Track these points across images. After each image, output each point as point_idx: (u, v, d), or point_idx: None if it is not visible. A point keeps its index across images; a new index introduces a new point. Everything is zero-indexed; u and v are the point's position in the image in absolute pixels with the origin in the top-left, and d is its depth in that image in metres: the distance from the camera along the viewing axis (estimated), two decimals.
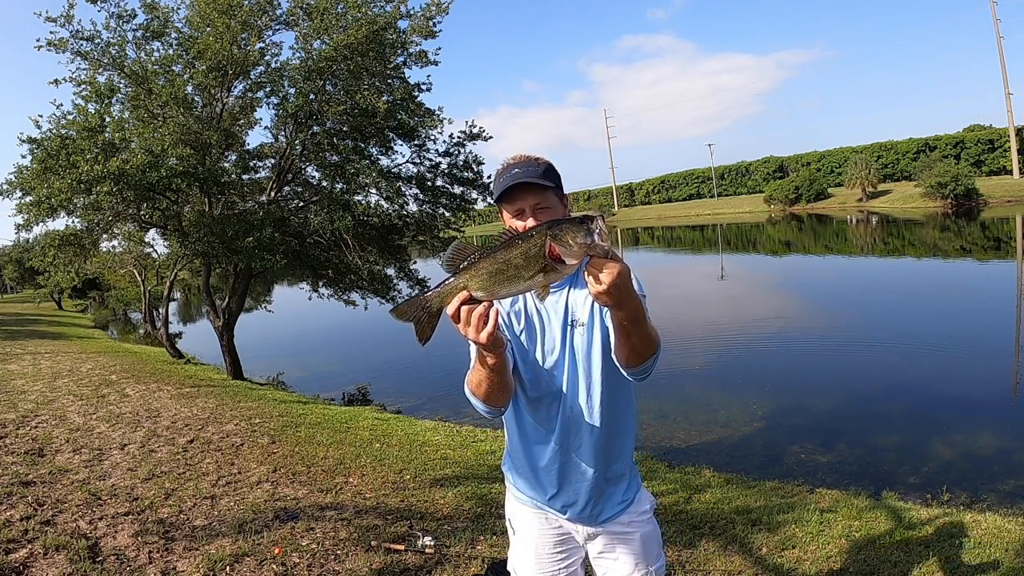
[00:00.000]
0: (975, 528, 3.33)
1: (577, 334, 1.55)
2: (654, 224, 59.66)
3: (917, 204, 38.73)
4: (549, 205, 1.52)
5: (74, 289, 29.59)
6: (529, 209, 1.51)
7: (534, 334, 1.57)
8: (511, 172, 1.52)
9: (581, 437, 1.58)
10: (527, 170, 1.51)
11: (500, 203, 1.55)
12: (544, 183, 1.49)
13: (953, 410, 6.71)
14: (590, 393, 1.56)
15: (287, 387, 10.99)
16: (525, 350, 1.57)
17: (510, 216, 1.54)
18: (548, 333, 1.57)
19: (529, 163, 1.53)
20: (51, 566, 2.86)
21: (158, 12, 9.29)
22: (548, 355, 1.56)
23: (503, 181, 1.52)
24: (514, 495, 1.74)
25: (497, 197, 1.54)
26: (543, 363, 1.57)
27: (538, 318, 1.57)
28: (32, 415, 5.96)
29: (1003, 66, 43.36)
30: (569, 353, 1.55)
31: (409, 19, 9.78)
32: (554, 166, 1.57)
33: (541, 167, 1.53)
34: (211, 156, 9.60)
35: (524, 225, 1.50)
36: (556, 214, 1.51)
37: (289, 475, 4.49)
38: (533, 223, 1.47)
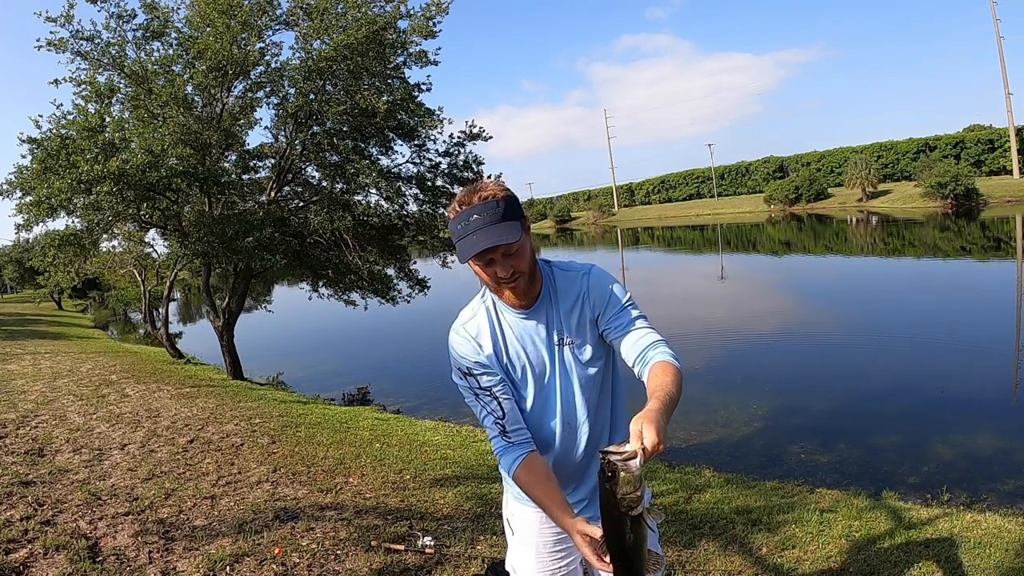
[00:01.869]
0: (975, 528, 3.33)
1: (567, 351, 1.55)
2: (654, 224, 59.66)
3: (917, 204, 38.73)
4: (518, 247, 1.44)
5: (74, 289, 29.63)
6: (498, 256, 1.43)
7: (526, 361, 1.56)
8: (471, 220, 1.40)
9: (579, 444, 1.60)
10: (486, 216, 1.39)
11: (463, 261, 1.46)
12: (510, 239, 1.39)
13: (953, 410, 6.71)
14: (586, 403, 1.58)
15: (287, 387, 11.00)
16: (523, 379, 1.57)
17: (476, 265, 1.46)
18: (537, 356, 1.56)
19: (487, 204, 1.40)
20: (51, 566, 2.86)
21: (158, 12, 9.29)
22: (541, 376, 1.57)
23: (466, 236, 1.41)
24: (513, 495, 1.73)
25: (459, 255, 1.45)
26: (538, 385, 1.57)
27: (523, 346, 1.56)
28: (32, 415, 5.96)
29: (1003, 66, 43.37)
30: (561, 369, 1.56)
31: (409, 19, 9.79)
32: (514, 196, 1.46)
33: (501, 206, 1.40)
34: (211, 156, 9.60)
35: (492, 273, 1.44)
36: (525, 253, 1.46)
37: (289, 475, 4.49)
38: (505, 272, 1.43)
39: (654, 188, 79.57)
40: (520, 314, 1.55)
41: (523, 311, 1.55)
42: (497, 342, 1.57)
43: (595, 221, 69.82)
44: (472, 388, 1.56)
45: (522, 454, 1.52)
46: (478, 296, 1.62)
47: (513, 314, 1.56)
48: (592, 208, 75.92)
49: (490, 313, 1.58)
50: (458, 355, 1.57)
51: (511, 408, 1.55)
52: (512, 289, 1.48)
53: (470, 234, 1.41)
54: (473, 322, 1.58)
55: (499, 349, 1.56)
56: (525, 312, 1.55)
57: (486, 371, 1.55)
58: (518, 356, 1.56)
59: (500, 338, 1.57)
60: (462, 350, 1.56)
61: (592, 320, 1.56)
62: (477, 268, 1.47)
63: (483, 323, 1.57)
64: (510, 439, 1.54)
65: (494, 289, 1.51)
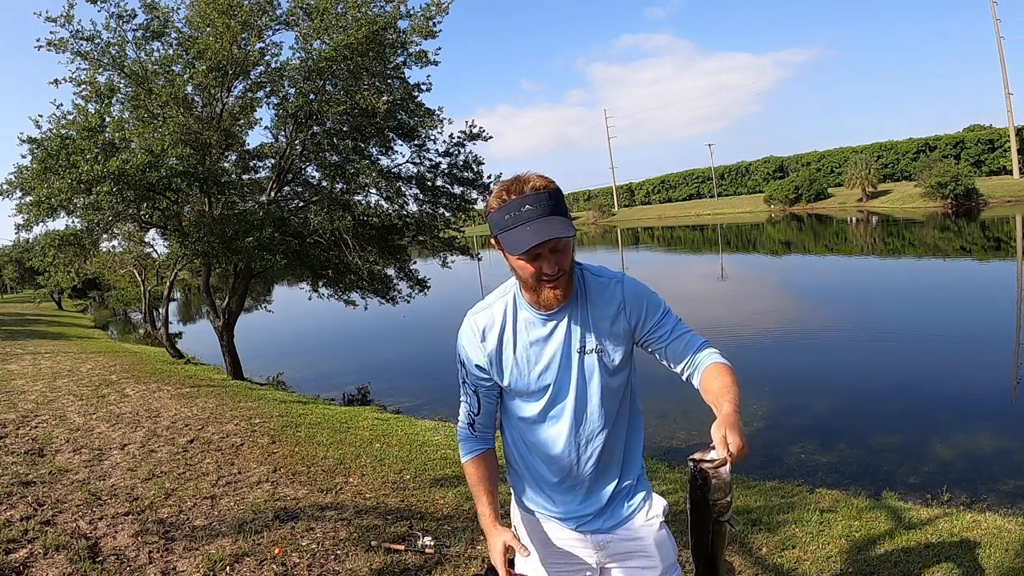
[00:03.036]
0: (975, 528, 3.33)
1: (587, 360, 1.48)
2: (654, 224, 59.65)
3: (917, 204, 38.73)
4: (566, 245, 1.37)
5: (74, 289, 29.63)
6: (546, 251, 1.35)
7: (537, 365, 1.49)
8: (523, 210, 1.32)
9: (593, 453, 1.54)
10: (539, 207, 1.32)
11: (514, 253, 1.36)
12: (566, 233, 1.32)
13: (953, 410, 6.71)
14: (604, 413, 1.52)
15: (287, 387, 11.00)
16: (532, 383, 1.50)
17: (518, 258, 1.37)
18: (552, 361, 1.49)
19: (539, 195, 1.34)
20: (51, 566, 2.86)
21: (158, 12, 9.29)
22: (554, 382, 1.50)
23: (517, 226, 1.33)
24: (521, 505, 1.68)
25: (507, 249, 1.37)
26: (550, 390, 1.50)
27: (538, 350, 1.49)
28: (32, 415, 5.96)
29: (1003, 66, 43.34)
30: (579, 376, 1.49)
31: (409, 19, 9.79)
32: (560, 190, 1.39)
33: (552, 198, 1.35)
34: (211, 156, 9.60)
35: (536, 269, 1.36)
36: (570, 250, 1.39)
37: (289, 475, 4.49)
38: (552, 269, 1.35)
39: (654, 188, 79.56)
40: (541, 316, 1.48)
41: (545, 313, 1.48)
42: (506, 339, 1.50)
43: (595, 221, 69.80)
44: (462, 376, 1.58)
45: (480, 448, 1.58)
46: (499, 289, 1.56)
47: (533, 314, 1.49)
48: (592, 208, 75.89)
49: (507, 308, 1.51)
50: (461, 343, 1.55)
51: (488, 410, 1.58)
52: (553, 287, 1.40)
53: (521, 225, 1.32)
54: (487, 313, 1.52)
55: (506, 347, 1.50)
56: (548, 315, 1.48)
57: (479, 370, 1.53)
58: (529, 359, 1.50)
59: (512, 335, 1.50)
60: (465, 340, 1.53)
61: (628, 330, 1.50)
62: (521, 263, 1.37)
63: (497, 316, 1.51)
64: (474, 431, 1.59)
65: (532, 287, 1.42)
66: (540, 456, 1.56)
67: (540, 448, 1.55)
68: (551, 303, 1.44)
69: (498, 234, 1.38)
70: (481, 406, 1.57)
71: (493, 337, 1.51)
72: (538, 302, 1.46)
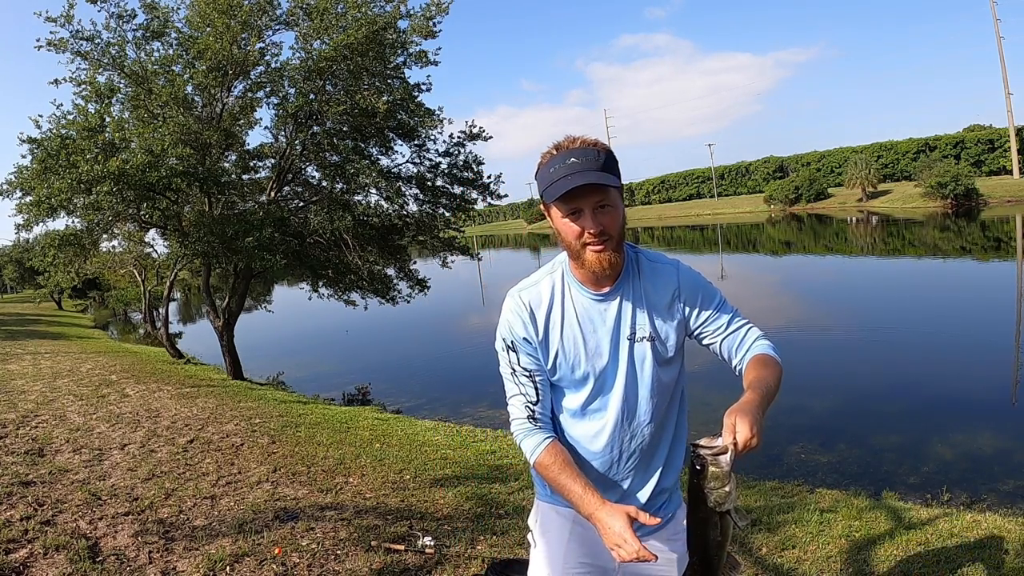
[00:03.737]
0: (975, 528, 3.33)
1: (638, 348, 1.40)
2: (654, 224, 59.65)
3: (917, 204, 38.73)
4: (612, 204, 1.30)
5: (74, 289, 29.64)
6: (588, 209, 1.28)
7: (584, 349, 1.40)
8: (567, 163, 1.27)
9: (636, 450, 1.45)
10: (586, 160, 1.26)
11: (551, 200, 1.30)
12: (609, 183, 1.26)
13: (953, 410, 6.71)
14: (653, 406, 1.43)
15: (287, 387, 11.00)
16: (578, 369, 1.40)
17: (562, 216, 1.31)
18: (601, 346, 1.40)
19: (587, 150, 1.28)
20: (51, 566, 2.86)
21: (158, 12, 9.29)
22: (602, 370, 1.41)
23: (560, 178, 1.26)
24: (549, 500, 1.54)
25: (547, 198, 1.30)
26: (597, 378, 1.41)
27: (586, 332, 1.40)
28: (32, 415, 5.96)
29: (1003, 66, 43.36)
30: (628, 365, 1.40)
31: (409, 19, 9.80)
32: (611, 150, 1.32)
33: (601, 156, 1.28)
34: (211, 156, 9.60)
35: (579, 228, 1.29)
36: (617, 215, 1.31)
37: (289, 475, 4.49)
38: (594, 227, 1.28)
39: (654, 188, 79.59)
40: (592, 295, 1.39)
41: (597, 293, 1.39)
42: (553, 319, 1.40)
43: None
44: (511, 363, 1.42)
45: (548, 437, 1.39)
46: (547, 266, 1.46)
47: (584, 294, 1.40)
48: None
49: (555, 286, 1.41)
50: (508, 323, 1.41)
51: (545, 395, 1.42)
52: (598, 253, 1.30)
53: (564, 176, 1.26)
54: (534, 290, 1.42)
55: (552, 328, 1.40)
56: (599, 295, 1.39)
57: (530, 351, 1.40)
58: (576, 343, 1.39)
59: (560, 316, 1.40)
60: (513, 320, 1.40)
61: (683, 320, 1.44)
62: (564, 223, 1.30)
63: (544, 294, 1.41)
64: (537, 423, 1.41)
65: (575, 252, 1.33)
66: (581, 450, 1.46)
67: (581, 442, 1.45)
68: (597, 270, 1.33)
69: (543, 190, 1.30)
70: (540, 393, 1.41)
71: (541, 316, 1.40)
72: (588, 278, 1.38)
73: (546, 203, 1.34)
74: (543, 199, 1.33)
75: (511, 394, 1.43)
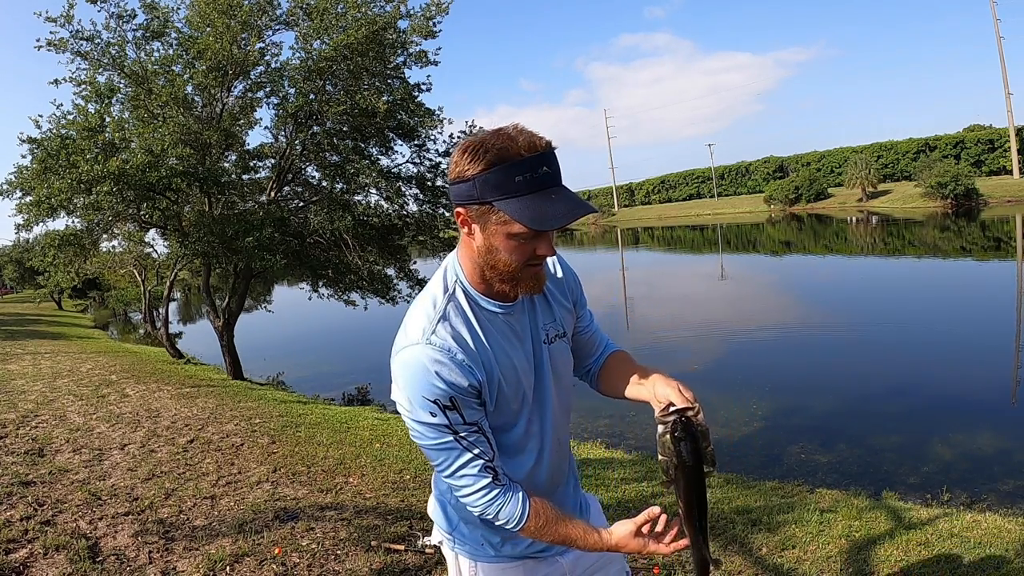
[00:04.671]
0: (975, 528, 3.33)
1: (555, 349, 1.28)
2: (654, 224, 59.66)
3: (917, 204, 38.75)
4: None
5: (74, 289, 29.61)
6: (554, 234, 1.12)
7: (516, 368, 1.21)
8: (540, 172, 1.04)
9: (562, 456, 1.35)
10: (556, 171, 1.07)
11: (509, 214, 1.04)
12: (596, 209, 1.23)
13: (953, 410, 6.72)
14: (564, 406, 1.33)
15: (287, 387, 11.00)
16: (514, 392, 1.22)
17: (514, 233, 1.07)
18: (529, 360, 1.24)
19: (551, 155, 1.07)
20: (51, 566, 2.86)
21: (158, 12, 9.29)
22: (533, 385, 1.25)
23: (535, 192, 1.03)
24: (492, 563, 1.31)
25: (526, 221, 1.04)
26: (532, 396, 1.25)
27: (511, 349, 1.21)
28: (32, 415, 5.96)
29: (1003, 66, 43.41)
30: (551, 372, 1.27)
31: (409, 19, 9.80)
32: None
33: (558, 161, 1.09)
34: (211, 156, 9.61)
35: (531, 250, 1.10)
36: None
37: (289, 475, 4.49)
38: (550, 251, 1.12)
39: (654, 188, 79.62)
40: (503, 307, 1.19)
41: (508, 304, 1.20)
42: (484, 349, 1.16)
43: (595, 221, 69.79)
44: (452, 426, 1.12)
45: (524, 495, 1.19)
46: (430, 293, 1.19)
47: (496, 307, 1.19)
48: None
49: (465, 310, 1.17)
50: (439, 378, 1.10)
51: (495, 444, 1.18)
52: (536, 272, 1.14)
53: (542, 190, 1.04)
54: (445, 327, 1.13)
55: (488, 358, 1.16)
56: (509, 305, 1.20)
57: (475, 403, 1.15)
58: (512, 365, 1.20)
59: (488, 341, 1.17)
60: (448, 371, 1.10)
61: (571, 311, 1.35)
62: (510, 242, 1.08)
63: (460, 324, 1.15)
64: (500, 481, 1.17)
65: (511, 274, 1.12)
66: (521, 480, 1.24)
67: (520, 470, 1.25)
68: (535, 289, 1.17)
69: (497, 200, 1.04)
70: (493, 446, 1.17)
71: (476, 350, 1.15)
72: (496, 292, 1.18)
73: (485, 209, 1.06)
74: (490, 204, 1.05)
75: (459, 464, 1.15)
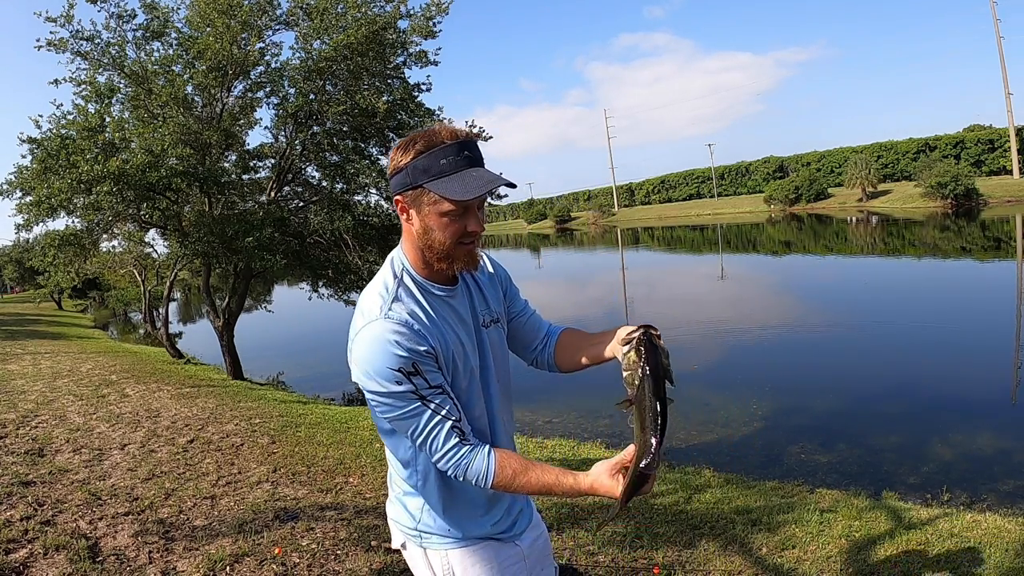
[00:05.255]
0: (975, 528, 3.33)
1: (492, 333, 1.39)
2: (654, 224, 59.66)
3: (917, 204, 38.75)
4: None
5: (74, 289, 29.63)
6: (474, 208, 1.24)
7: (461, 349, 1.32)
8: (463, 155, 1.19)
9: (509, 434, 1.44)
10: (478, 156, 1.22)
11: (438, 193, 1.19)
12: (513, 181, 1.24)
13: (953, 410, 6.71)
14: (510, 392, 1.45)
15: (287, 387, 11.00)
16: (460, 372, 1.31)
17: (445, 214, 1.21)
18: (470, 341, 1.34)
19: (474, 142, 1.23)
20: (51, 566, 2.86)
21: (158, 12, 9.29)
22: (476, 366, 1.34)
23: (458, 172, 1.18)
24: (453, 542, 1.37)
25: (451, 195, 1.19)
26: (475, 377, 1.34)
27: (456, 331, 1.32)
28: (32, 415, 5.96)
29: (1003, 66, 43.38)
30: (491, 353, 1.38)
31: (409, 19, 9.80)
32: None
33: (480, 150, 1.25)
34: (211, 156, 9.60)
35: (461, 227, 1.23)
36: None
37: (289, 475, 4.49)
38: (478, 227, 1.25)
39: (654, 188, 79.59)
40: (446, 291, 1.32)
41: (449, 288, 1.33)
42: (436, 325, 1.27)
43: (595, 221, 69.85)
44: (419, 391, 1.20)
45: (489, 451, 1.25)
46: (380, 281, 1.30)
47: (439, 291, 1.32)
48: (592, 208, 75.95)
49: (413, 293, 1.29)
50: (399, 347, 1.19)
51: (460, 406, 1.27)
52: (469, 250, 1.26)
53: (464, 169, 1.19)
54: (399, 305, 1.24)
55: (440, 333, 1.27)
56: (451, 289, 1.33)
57: (435, 368, 1.24)
58: (457, 343, 1.30)
59: (437, 319, 1.29)
60: (406, 338, 1.19)
61: (503, 301, 1.48)
62: (442, 220, 1.22)
63: (411, 304, 1.26)
64: (469, 442, 1.24)
65: (445, 252, 1.24)
66: None
67: None
68: (470, 267, 1.29)
69: (426, 181, 1.19)
70: (458, 406, 1.26)
71: (427, 324, 1.26)
72: (438, 276, 1.31)
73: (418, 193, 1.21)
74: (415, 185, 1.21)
75: (428, 427, 1.22)
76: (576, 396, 8.15)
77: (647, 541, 3.31)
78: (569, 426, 7.01)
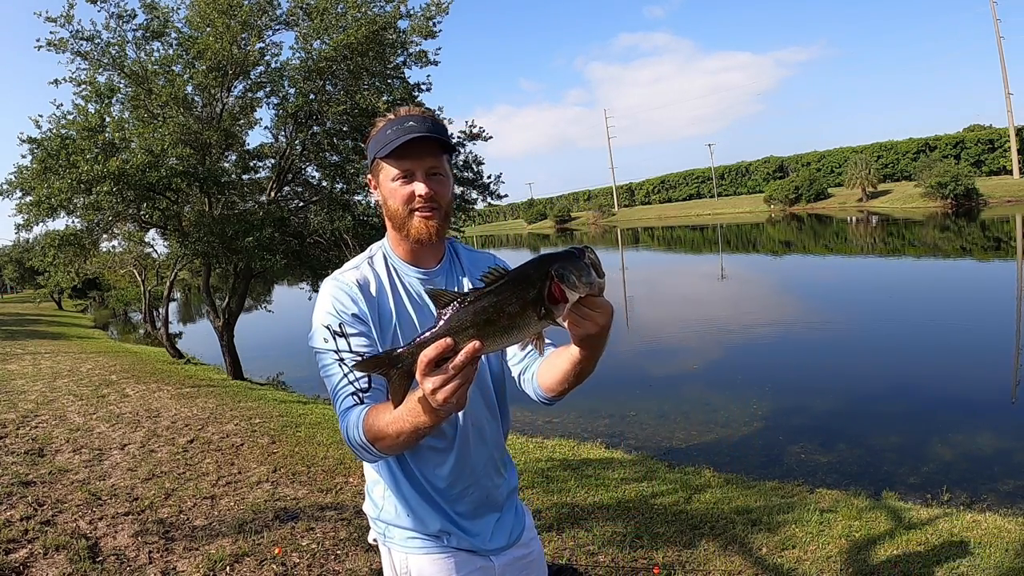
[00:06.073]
0: (975, 528, 3.33)
1: None
2: (654, 224, 59.67)
3: (917, 204, 38.76)
4: (443, 173, 1.28)
5: (74, 289, 29.62)
6: (421, 173, 1.25)
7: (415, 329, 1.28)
8: (405, 125, 1.25)
9: (485, 448, 1.37)
10: (423, 125, 1.25)
11: (382, 160, 1.27)
12: (445, 144, 1.26)
13: (953, 410, 6.71)
14: (497, 399, 1.39)
15: (287, 387, 10.99)
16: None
17: (392, 179, 1.26)
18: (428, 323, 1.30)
19: (425, 118, 1.27)
20: (51, 566, 2.86)
21: (158, 12, 9.29)
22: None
23: (394, 134, 1.24)
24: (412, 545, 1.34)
25: (381, 154, 1.26)
26: None
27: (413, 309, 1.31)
28: (32, 415, 5.96)
29: (1003, 66, 43.44)
30: None
31: (409, 19, 9.80)
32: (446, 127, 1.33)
33: (438, 125, 1.28)
34: (211, 156, 9.60)
35: (408, 192, 1.25)
36: (448, 186, 1.30)
37: (289, 475, 4.49)
38: (424, 190, 1.24)
39: (654, 188, 79.61)
40: (420, 273, 1.33)
41: (424, 271, 1.33)
42: (386, 296, 1.29)
43: (595, 221, 69.87)
44: (338, 352, 1.21)
45: (368, 406, 1.17)
46: (362, 254, 1.37)
47: (411, 272, 1.33)
48: (592, 208, 76.00)
49: (379, 266, 1.33)
50: (332, 305, 1.24)
51: (380, 391, 1.19)
52: (426, 220, 1.26)
53: (401, 136, 1.23)
54: (355, 271, 1.30)
55: (386, 304, 1.28)
56: (426, 272, 1.33)
57: (364, 331, 1.24)
58: (413, 324, 1.29)
59: (392, 293, 1.29)
60: (339, 297, 1.24)
61: None
62: (391, 186, 1.27)
63: (368, 273, 1.30)
64: (364, 401, 1.19)
65: (401, 221, 1.28)
66: (424, 455, 1.30)
67: (429, 447, 1.30)
68: (424, 238, 1.27)
69: (377, 153, 1.27)
70: (372, 385, 1.19)
71: (373, 291, 1.28)
72: (412, 254, 1.33)
73: (375, 167, 1.31)
74: (373, 161, 1.30)
75: (337, 388, 1.20)
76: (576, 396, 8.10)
77: (647, 541, 3.31)
78: (569, 426, 7.00)
